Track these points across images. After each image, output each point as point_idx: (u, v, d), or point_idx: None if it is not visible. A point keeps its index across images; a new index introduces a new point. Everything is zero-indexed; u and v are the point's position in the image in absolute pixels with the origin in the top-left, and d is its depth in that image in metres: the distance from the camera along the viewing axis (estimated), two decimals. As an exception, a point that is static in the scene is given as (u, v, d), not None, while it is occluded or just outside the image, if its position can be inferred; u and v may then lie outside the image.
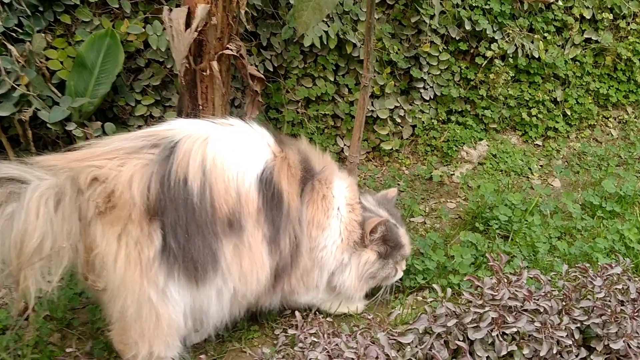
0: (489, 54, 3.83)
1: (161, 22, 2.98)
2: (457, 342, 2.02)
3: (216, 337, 2.32)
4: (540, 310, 2.08)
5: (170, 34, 2.68)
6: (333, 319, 2.53)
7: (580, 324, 2.11)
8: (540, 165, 3.95)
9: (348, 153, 3.18)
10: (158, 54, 3.15)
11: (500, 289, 2.09)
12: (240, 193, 2.00)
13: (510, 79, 3.94)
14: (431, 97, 3.84)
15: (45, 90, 2.92)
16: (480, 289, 2.14)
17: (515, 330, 2.01)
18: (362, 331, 2.22)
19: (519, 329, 2.01)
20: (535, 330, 2.03)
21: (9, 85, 2.74)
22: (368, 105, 3.38)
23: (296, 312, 2.32)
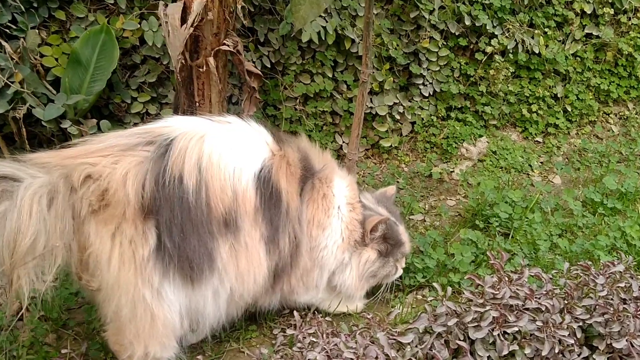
0: (489, 49, 3.80)
1: (157, 18, 2.96)
2: (458, 342, 2.00)
3: (214, 337, 2.30)
4: (542, 309, 2.06)
5: (165, 30, 2.66)
6: (332, 318, 2.51)
7: (583, 323, 2.09)
8: (541, 162, 3.92)
9: (347, 150, 3.16)
10: (154, 50, 3.13)
11: (501, 287, 2.06)
12: (236, 192, 1.97)
13: (510, 74, 3.91)
14: (430, 94, 3.82)
15: (40, 88, 2.91)
16: (481, 287, 2.11)
17: (517, 329, 1.98)
18: (362, 331, 2.19)
19: (521, 328, 1.98)
20: (536, 329, 2.00)
21: (2, 83, 2.73)
22: (367, 102, 3.35)
23: (295, 312, 2.30)
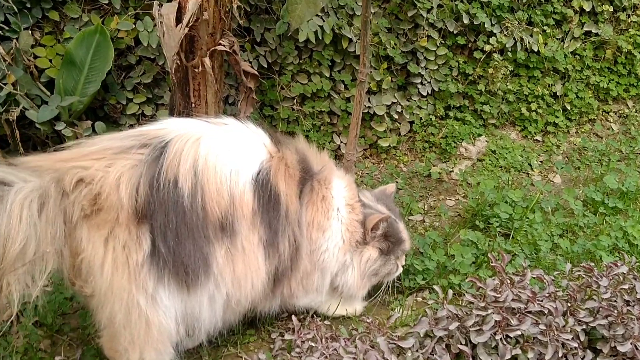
0: (488, 48, 3.77)
1: (152, 18, 2.93)
2: (460, 346, 1.96)
3: (211, 342, 2.26)
4: (545, 312, 2.02)
5: (160, 30, 2.63)
6: (331, 321, 2.48)
7: (586, 326, 2.05)
8: (540, 161, 3.89)
9: (345, 150, 3.13)
10: (149, 51, 3.10)
11: (503, 290, 2.03)
12: (233, 195, 1.94)
13: (509, 73, 3.88)
14: (429, 93, 3.79)
15: (34, 89, 2.88)
16: (483, 290, 2.08)
17: (520, 333, 1.94)
18: (361, 335, 2.16)
19: (523, 331, 1.95)
20: (539, 332, 1.97)
21: (-5, 85, 2.69)
22: (365, 102, 3.32)
23: (293, 316, 2.26)
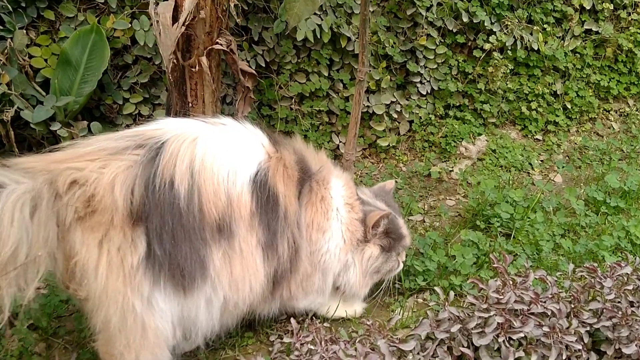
0: (487, 46, 3.74)
1: (148, 17, 2.90)
2: (462, 349, 1.93)
3: (208, 345, 2.23)
4: (548, 314, 1.99)
5: (157, 29, 2.59)
6: (330, 324, 2.44)
7: (590, 327, 2.02)
8: (541, 160, 3.86)
9: (344, 150, 3.09)
10: (146, 50, 3.07)
11: (505, 291, 1.99)
12: (231, 196, 1.90)
13: (509, 72, 3.85)
14: (428, 92, 3.76)
15: (29, 89, 2.85)
16: (485, 291, 2.05)
17: (523, 335, 1.91)
18: (362, 338, 2.12)
19: (527, 333, 1.91)
20: (543, 334, 1.93)
21: (-12, 85, 2.65)
22: (364, 101, 3.29)
23: (292, 319, 2.23)
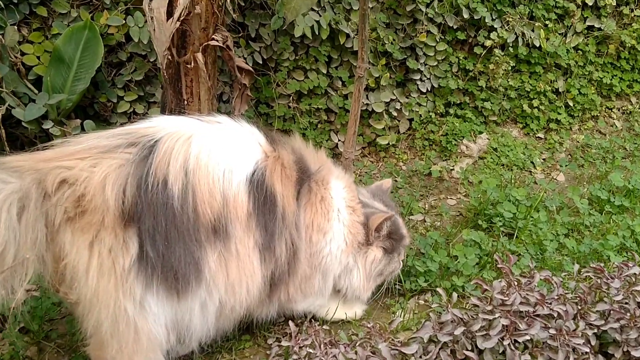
0: (488, 43, 3.69)
1: (143, 14, 2.83)
2: (465, 352, 1.87)
3: (203, 350, 2.17)
4: (554, 315, 1.93)
5: (151, 25, 2.54)
6: (330, 326, 2.38)
7: (597, 329, 1.96)
8: (543, 159, 3.81)
9: (343, 149, 3.03)
10: (140, 47, 3.01)
11: (510, 293, 1.93)
12: (226, 196, 1.84)
13: (510, 69, 3.81)
14: (428, 89, 3.71)
15: (20, 87, 2.79)
16: (489, 293, 1.99)
17: (528, 337, 1.85)
18: (362, 341, 2.06)
19: (532, 336, 1.85)
20: (549, 337, 1.87)
21: (-21, 82, 2.60)
22: (363, 99, 3.23)
23: (290, 321, 2.17)
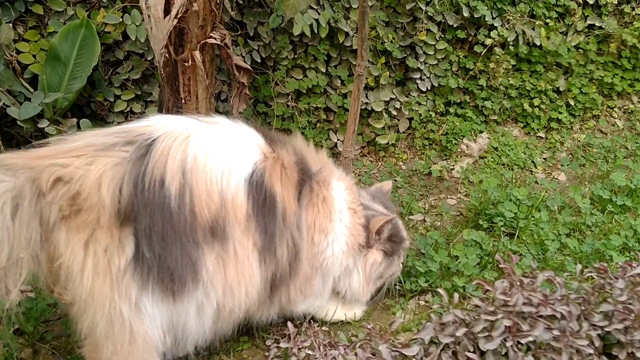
0: (489, 41, 3.66)
1: (140, 12, 2.80)
2: (467, 354, 1.84)
3: (199, 353, 2.13)
4: (558, 316, 1.90)
5: (148, 22, 2.51)
6: (329, 327, 2.35)
7: (601, 330, 1.93)
8: (544, 158, 3.78)
9: (342, 148, 3.01)
10: (138, 46, 2.98)
11: (513, 293, 1.90)
12: (225, 197, 1.81)
13: (510, 68, 3.78)
14: (428, 88, 3.68)
15: (16, 85, 2.77)
16: (491, 293, 1.96)
17: (532, 339, 1.82)
18: (362, 342, 2.03)
19: (536, 337, 1.82)
20: (552, 338, 1.84)
21: (-27, 80, 2.57)
22: (362, 97, 3.20)
23: (288, 323, 2.14)
